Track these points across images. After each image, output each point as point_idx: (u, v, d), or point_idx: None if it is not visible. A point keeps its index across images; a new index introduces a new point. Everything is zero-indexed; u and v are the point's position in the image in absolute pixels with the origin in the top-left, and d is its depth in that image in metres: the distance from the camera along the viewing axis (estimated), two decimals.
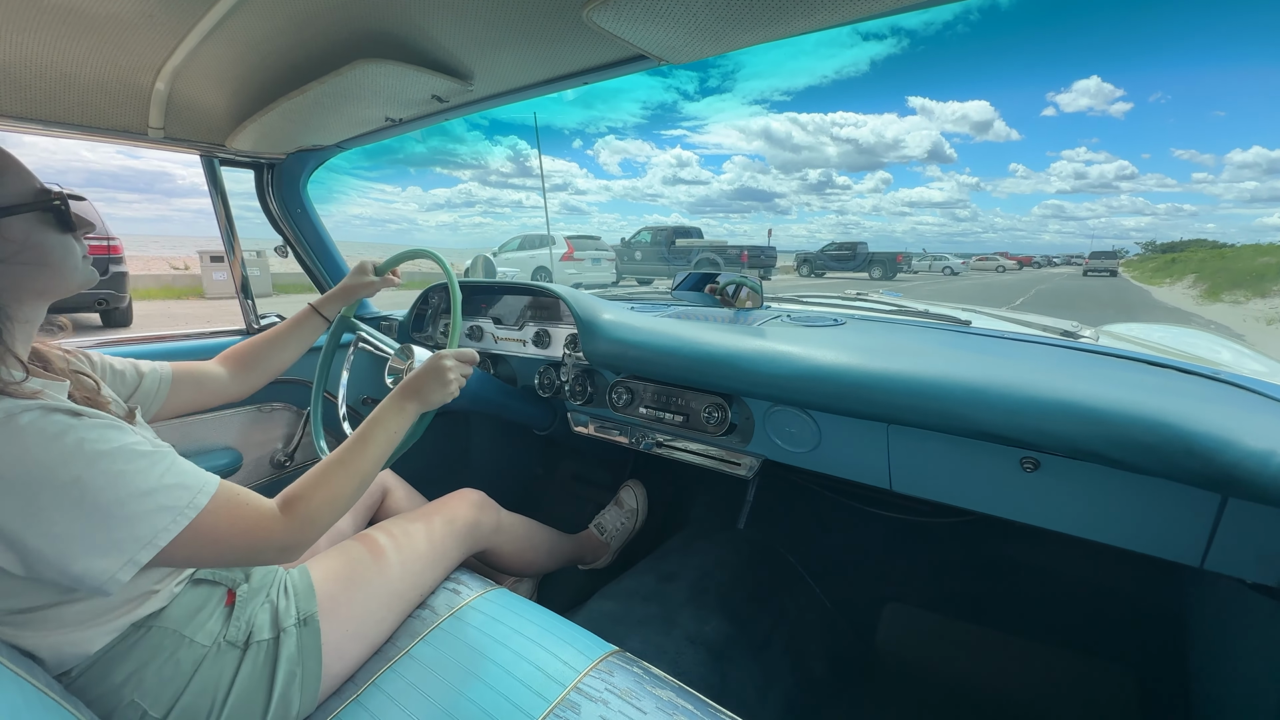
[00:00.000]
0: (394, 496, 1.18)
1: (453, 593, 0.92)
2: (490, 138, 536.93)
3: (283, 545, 0.64)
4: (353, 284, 1.08)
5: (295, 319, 1.07)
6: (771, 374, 0.94)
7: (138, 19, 0.76)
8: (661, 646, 1.11)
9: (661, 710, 0.71)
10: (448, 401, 0.84)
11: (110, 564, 0.54)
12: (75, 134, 1.09)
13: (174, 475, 0.58)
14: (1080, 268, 38.82)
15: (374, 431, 0.75)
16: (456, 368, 0.85)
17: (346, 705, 0.75)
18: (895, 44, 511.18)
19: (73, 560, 0.53)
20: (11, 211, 0.59)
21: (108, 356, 0.83)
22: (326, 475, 0.69)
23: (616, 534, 1.56)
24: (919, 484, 0.95)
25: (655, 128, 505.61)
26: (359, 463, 0.72)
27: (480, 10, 0.74)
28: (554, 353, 1.38)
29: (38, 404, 0.54)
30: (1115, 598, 1.27)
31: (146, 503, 0.55)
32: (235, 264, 1.52)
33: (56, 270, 0.64)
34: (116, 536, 0.54)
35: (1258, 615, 0.86)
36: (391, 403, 0.79)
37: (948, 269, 28.98)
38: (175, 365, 0.92)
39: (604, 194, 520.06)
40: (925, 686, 1.29)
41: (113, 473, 0.54)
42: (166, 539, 0.55)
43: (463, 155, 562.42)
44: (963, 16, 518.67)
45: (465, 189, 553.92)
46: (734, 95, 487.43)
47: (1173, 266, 29.86)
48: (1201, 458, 0.62)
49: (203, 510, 0.58)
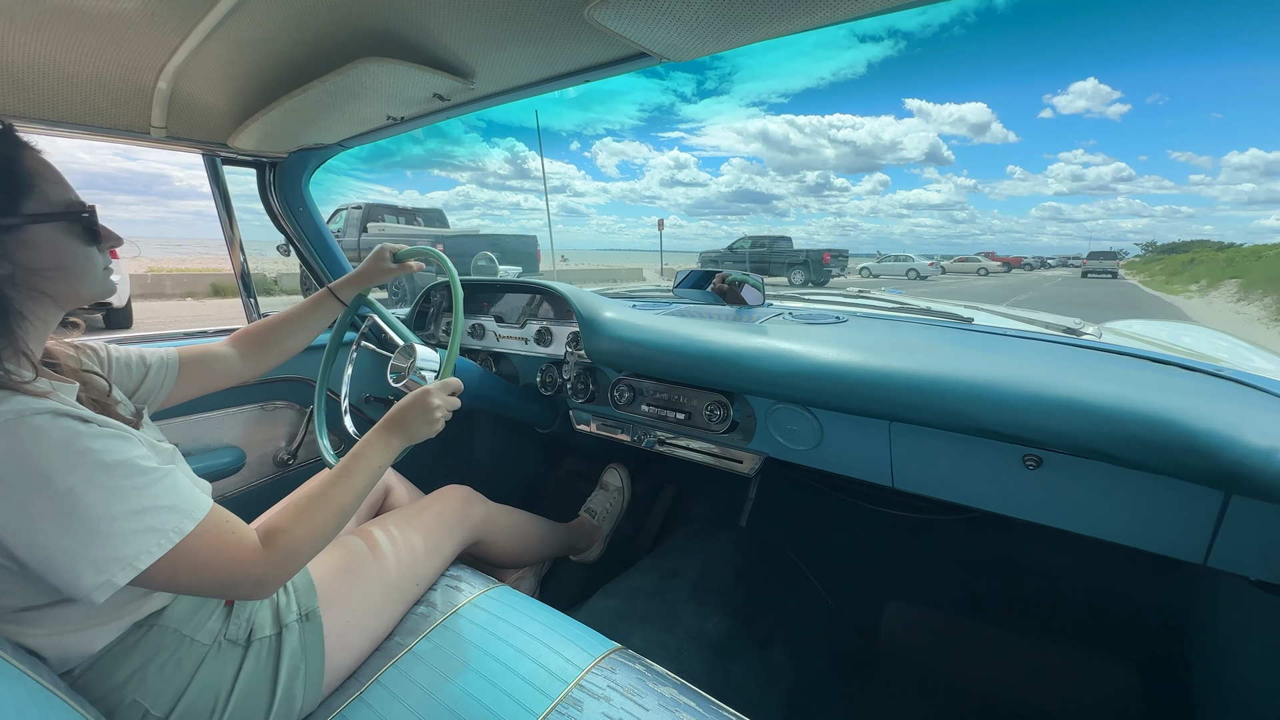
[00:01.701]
0: (396, 494, 1.18)
1: (455, 590, 0.93)
2: (488, 139, 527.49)
3: (258, 579, 0.62)
4: (370, 269, 1.08)
5: (311, 301, 1.06)
6: (773, 372, 0.94)
7: (140, 18, 0.76)
8: (664, 644, 1.11)
9: (664, 707, 0.71)
10: (431, 437, 0.84)
11: (88, 582, 0.53)
12: (78, 134, 1.09)
13: (168, 496, 0.58)
14: (1078, 269, 35.39)
15: (357, 465, 0.74)
16: (444, 404, 0.85)
17: (350, 702, 0.75)
18: (892, 46, 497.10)
19: (53, 572, 0.52)
20: (40, 220, 0.61)
21: (114, 349, 0.83)
22: (309, 509, 0.67)
23: (606, 515, 1.58)
24: (921, 481, 0.95)
25: (652, 130, 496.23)
26: (341, 496, 0.71)
27: (482, 8, 0.74)
28: (556, 351, 1.38)
29: (49, 406, 0.54)
30: (1118, 595, 1.27)
31: (135, 523, 0.54)
32: (237, 263, 1.52)
33: (76, 279, 0.64)
34: (98, 555, 0.53)
35: (1261, 612, 0.86)
36: (376, 437, 0.78)
37: (912, 271, 24.12)
38: (181, 350, 0.92)
39: (602, 196, 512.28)
40: (927, 684, 1.29)
41: (108, 487, 0.54)
42: (147, 562, 0.54)
43: (460, 157, 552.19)
44: (959, 19, 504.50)
45: (463, 191, 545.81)
46: (731, 97, 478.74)
47: (1193, 269, 24.52)
48: (1205, 455, 0.62)
49: (188, 535, 0.57)
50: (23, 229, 0.60)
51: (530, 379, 1.46)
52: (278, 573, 0.63)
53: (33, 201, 0.60)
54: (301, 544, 0.65)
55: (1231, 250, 29.33)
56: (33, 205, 0.60)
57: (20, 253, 0.59)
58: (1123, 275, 32.40)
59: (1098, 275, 29.71)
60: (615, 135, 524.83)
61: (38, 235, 0.61)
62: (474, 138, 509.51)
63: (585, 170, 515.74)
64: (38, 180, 0.61)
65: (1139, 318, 8.64)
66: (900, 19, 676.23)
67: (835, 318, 1.23)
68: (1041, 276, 31.98)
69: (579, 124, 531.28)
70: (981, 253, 47.48)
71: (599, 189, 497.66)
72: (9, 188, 0.59)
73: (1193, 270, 23.96)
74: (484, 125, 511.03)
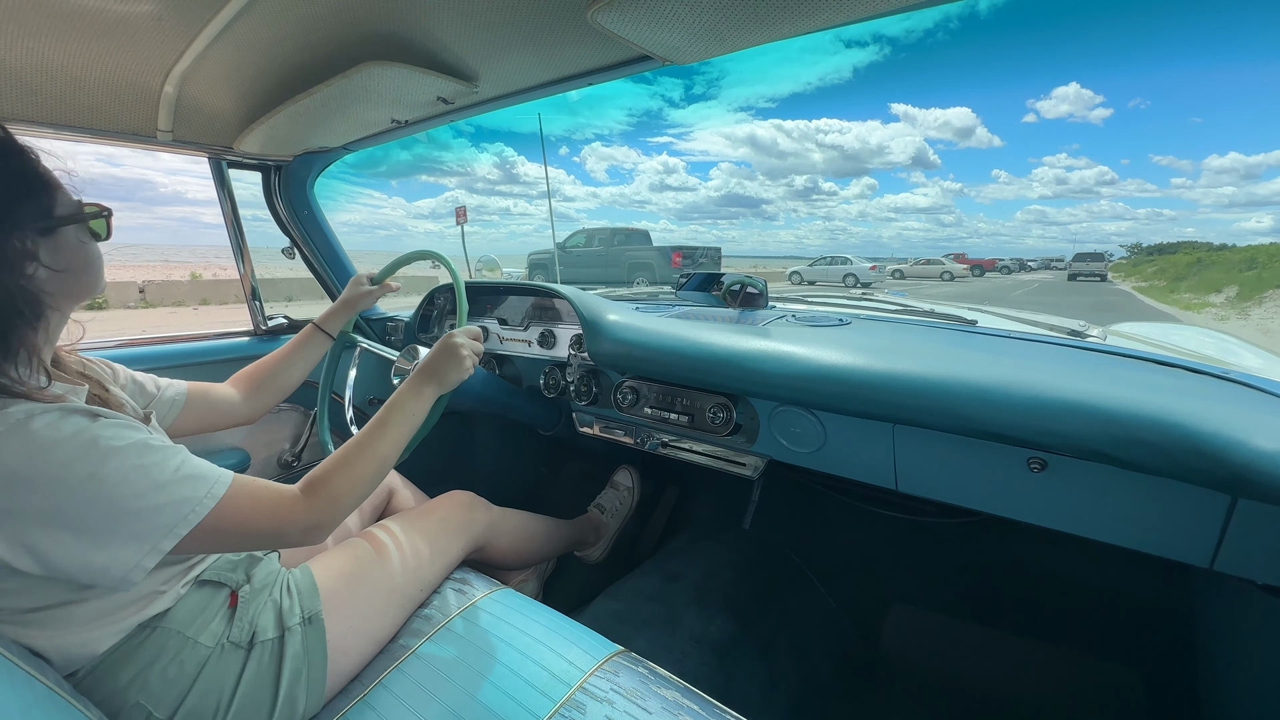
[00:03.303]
0: (400, 498, 1.19)
1: (458, 593, 0.93)
2: (476, 144, 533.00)
3: (307, 525, 0.65)
4: (351, 297, 1.12)
5: (299, 338, 1.09)
6: (777, 374, 0.94)
7: (146, 22, 0.77)
8: (667, 646, 1.11)
9: (666, 710, 0.70)
10: (464, 379, 0.86)
11: (134, 553, 0.55)
12: (85, 137, 1.10)
13: (189, 468, 0.60)
14: (1062, 272, 32.28)
15: (392, 415, 0.78)
16: (469, 344, 0.87)
17: (353, 705, 0.75)
18: (877, 51, 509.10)
19: (96, 552, 0.54)
20: (67, 221, 0.63)
21: (129, 370, 0.86)
22: (346, 458, 0.71)
23: (614, 512, 1.60)
24: (925, 484, 0.94)
25: (641, 134, 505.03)
26: (378, 445, 0.74)
27: (485, 13, 0.74)
28: (559, 353, 1.38)
29: (57, 406, 0.56)
30: (1123, 599, 1.26)
31: (163, 495, 0.57)
32: (246, 265, 1.53)
33: (96, 276, 0.68)
34: (137, 527, 0.55)
35: (1268, 616, 0.85)
36: (409, 387, 0.81)
37: (850, 276, 20.14)
38: (191, 385, 0.95)
39: (592, 200, 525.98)
40: (931, 688, 1.28)
41: (128, 468, 0.56)
42: (187, 527, 0.57)
43: (448, 163, 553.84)
44: (942, 24, 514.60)
45: (451, 197, 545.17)
46: (719, 102, 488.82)
47: (1205, 273, 19.62)
48: (1211, 458, 0.62)
49: (221, 499, 0.60)
50: (55, 232, 0.62)
51: (533, 381, 1.46)
52: (325, 517, 0.67)
53: (58, 205, 0.62)
54: (343, 490, 0.68)
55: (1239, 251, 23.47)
56: (59, 208, 0.62)
57: (54, 255, 0.61)
58: (1113, 280, 29.38)
59: (1085, 278, 27.55)
60: (604, 140, 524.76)
61: (68, 237, 0.63)
62: (462, 143, 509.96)
63: (575, 175, 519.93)
64: (52, 185, 0.63)
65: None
66: (885, 25, 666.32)
67: (838, 320, 1.22)
68: (1018, 281, 28.19)
69: (568, 128, 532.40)
70: (951, 253, 39.62)
71: (589, 194, 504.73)
72: (36, 191, 0.61)
73: (1205, 275, 18.61)
74: (472, 130, 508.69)
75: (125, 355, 1.28)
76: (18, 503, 0.52)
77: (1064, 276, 30.45)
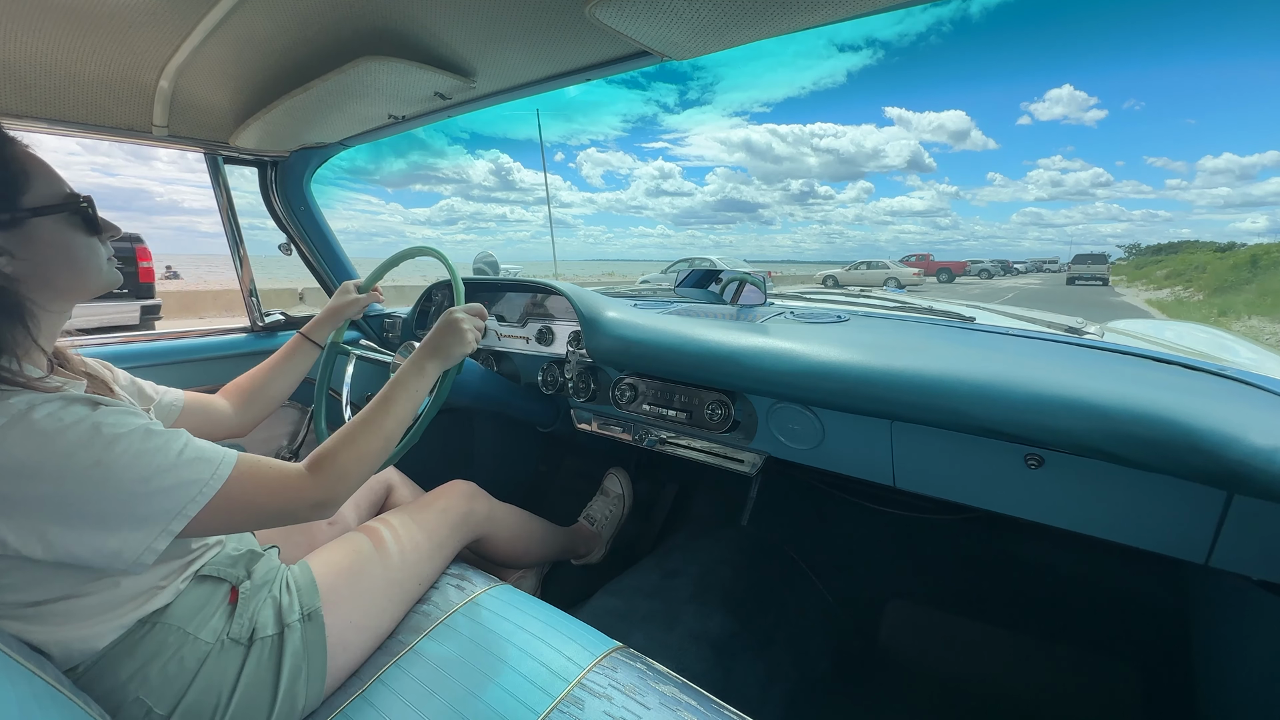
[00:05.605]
0: (398, 494, 1.18)
1: (457, 589, 0.93)
2: (472, 151, 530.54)
3: (315, 501, 0.66)
4: (338, 305, 1.12)
5: (287, 349, 1.09)
6: (775, 371, 0.94)
7: (142, 17, 0.76)
8: (665, 643, 1.12)
9: (665, 706, 0.71)
10: (468, 354, 0.86)
11: (145, 536, 0.56)
12: (80, 132, 1.10)
13: (193, 450, 0.60)
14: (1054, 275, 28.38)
15: (395, 392, 0.78)
16: (470, 319, 0.88)
17: (352, 700, 0.75)
18: (870, 55, 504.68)
19: (108, 537, 0.55)
20: (42, 212, 0.61)
21: (129, 374, 0.87)
22: (352, 434, 0.71)
23: (606, 522, 1.58)
24: (922, 481, 0.94)
25: (636, 140, 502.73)
26: (383, 421, 0.74)
27: (483, 7, 0.74)
28: (557, 350, 1.38)
29: (58, 396, 0.56)
30: (1119, 594, 1.27)
31: (170, 478, 0.57)
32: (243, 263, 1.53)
33: (82, 271, 0.66)
34: (146, 511, 0.56)
35: (1263, 612, 0.85)
36: (412, 364, 0.82)
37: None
38: (188, 395, 0.95)
39: (589, 206, 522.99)
40: (928, 683, 1.29)
41: (133, 453, 0.56)
42: (196, 508, 0.58)
43: (443, 169, 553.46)
44: (935, 28, 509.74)
45: (447, 204, 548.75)
46: (714, 107, 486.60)
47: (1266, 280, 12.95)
48: (1207, 454, 0.62)
49: (228, 479, 0.60)
50: (25, 223, 0.60)
51: (531, 378, 1.46)
52: (333, 493, 0.67)
53: (30, 195, 0.61)
54: (349, 465, 0.69)
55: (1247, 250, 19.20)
56: (31, 199, 0.61)
57: (25, 248, 0.60)
58: (1114, 285, 25.65)
59: (1085, 282, 24.76)
60: (599, 146, 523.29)
61: (40, 229, 0.61)
62: (458, 150, 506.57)
63: (571, 181, 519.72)
64: (31, 174, 0.61)
65: None
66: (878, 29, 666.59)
67: (837, 317, 1.22)
68: (992, 289, 23.40)
69: (563, 135, 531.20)
70: (910, 255, 30.77)
71: (585, 199, 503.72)
72: (2, 182, 0.59)
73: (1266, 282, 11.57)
74: (467, 137, 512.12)
75: (123, 352, 1.28)
76: (25, 492, 0.52)
77: (1058, 281, 28.87)
